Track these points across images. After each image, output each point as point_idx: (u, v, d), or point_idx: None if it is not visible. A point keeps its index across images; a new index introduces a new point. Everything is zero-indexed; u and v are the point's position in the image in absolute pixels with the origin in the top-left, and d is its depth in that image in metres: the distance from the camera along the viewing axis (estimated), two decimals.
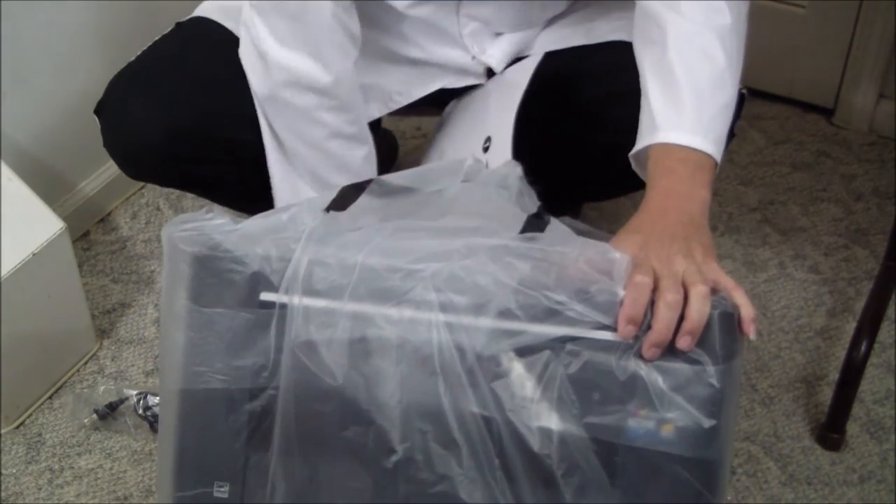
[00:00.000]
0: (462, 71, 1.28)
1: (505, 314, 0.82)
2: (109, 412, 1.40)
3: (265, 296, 0.85)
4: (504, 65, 1.27)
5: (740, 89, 1.22)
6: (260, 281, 0.86)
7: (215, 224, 0.88)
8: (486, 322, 0.82)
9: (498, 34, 1.26)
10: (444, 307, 0.83)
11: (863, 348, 1.36)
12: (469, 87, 1.31)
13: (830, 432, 1.36)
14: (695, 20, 1.02)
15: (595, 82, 1.24)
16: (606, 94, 1.20)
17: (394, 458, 0.83)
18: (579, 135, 1.34)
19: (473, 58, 1.25)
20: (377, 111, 1.29)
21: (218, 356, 0.86)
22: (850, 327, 1.47)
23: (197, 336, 0.86)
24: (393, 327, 0.83)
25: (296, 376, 0.84)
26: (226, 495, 0.87)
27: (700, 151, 0.96)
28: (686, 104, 0.98)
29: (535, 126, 1.45)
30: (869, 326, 1.39)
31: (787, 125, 1.89)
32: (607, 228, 1.68)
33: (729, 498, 1.31)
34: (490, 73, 1.30)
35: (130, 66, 1.24)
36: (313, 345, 0.84)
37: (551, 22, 1.29)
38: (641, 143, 1.00)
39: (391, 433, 0.83)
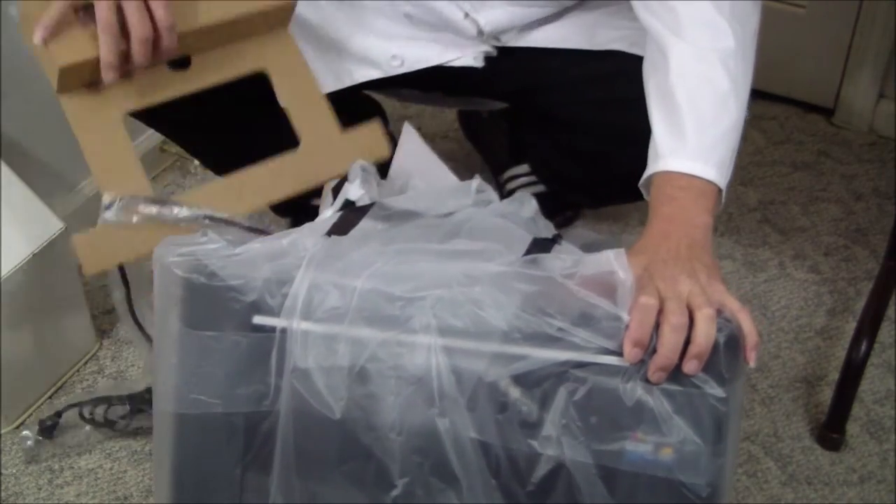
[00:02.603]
0: (456, 32, 1.27)
1: (507, 341, 0.81)
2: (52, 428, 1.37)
3: (259, 319, 0.84)
4: (493, 29, 1.25)
5: None
6: (259, 308, 0.85)
7: (210, 249, 0.87)
8: (488, 349, 0.81)
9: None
10: (445, 335, 0.82)
11: (863, 348, 1.36)
12: (465, 74, 1.30)
13: (830, 432, 1.36)
14: (697, 44, 1.01)
15: (590, 88, 1.24)
16: (600, 101, 1.20)
17: (393, 492, 0.83)
18: (573, 138, 1.34)
19: (466, 15, 1.24)
20: (375, 73, 1.29)
21: (214, 380, 0.85)
22: (850, 327, 1.47)
23: (192, 360, 0.86)
24: (393, 356, 0.82)
25: (295, 404, 0.83)
26: None
27: (702, 178, 0.95)
28: (688, 131, 0.97)
29: (530, 126, 1.45)
30: (869, 326, 1.39)
31: (787, 125, 1.89)
32: (607, 229, 1.69)
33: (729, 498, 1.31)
34: (489, 51, 1.29)
35: None
36: (311, 374, 0.83)
37: (554, 19, 1.28)
38: (646, 172, 0.99)
39: (391, 467, 0.82)
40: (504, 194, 1.59)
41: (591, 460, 0.81)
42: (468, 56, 1.28)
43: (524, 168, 1.61)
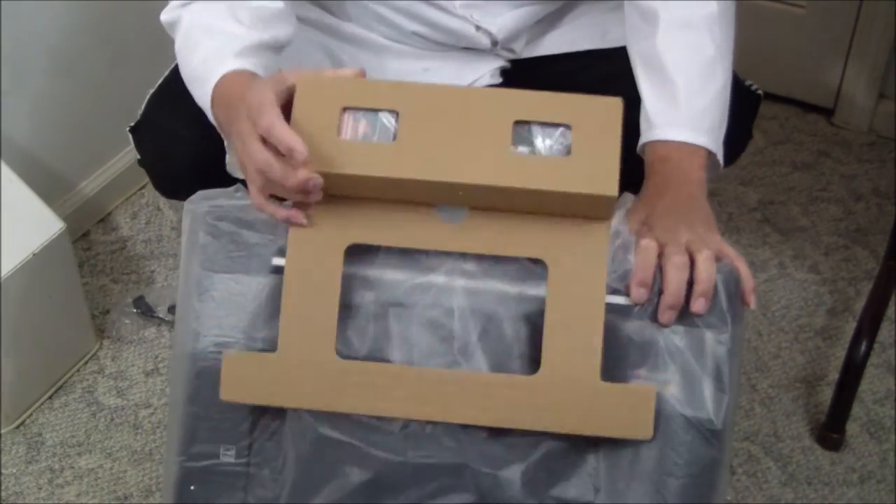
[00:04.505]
0: (471, 46, 1.26)
1: (518, 281, 0.84)
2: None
3: (278, 261, 0.86)
4: (506, 36, 1.24)
5: (756, 89, 1.23)
6: (282, 251, 0.86)
7: (242, 204, 0.88)
8: (503, 288, 0.84)
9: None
10: (465, 277, 0.84)
11: (863, 348, 1.36)
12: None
13: (830, 432, 1.36)
14: (681, 11, 1.04)
15: (603, 91, 1.24)
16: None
17: (403, 428, 0.84)
18: None
19: (478, 28, 1.23)
20: None
21: (234, 323, 0.86)
22: (850, 327, 1.47)
23: (213, 303, 0.86)
24: (414, 296, 0.84)
25: None
26: (232, 459, 0.87)
27: (694, 145, 0.97)
28: (679, 99, 1.00)
29: None
30: (869, 326, 1.39)
31: (787, 125, 1.90)
32: None
33: (729, 498, 1.31)
34: (504, 66, 1.28)
35: (167, 85, 1.22)
36: None
37: (563, 21, 1.28)
38: (640, 141, 1.01)
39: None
40: None
41: None
42: (486, 76, 1.28)
43: None
